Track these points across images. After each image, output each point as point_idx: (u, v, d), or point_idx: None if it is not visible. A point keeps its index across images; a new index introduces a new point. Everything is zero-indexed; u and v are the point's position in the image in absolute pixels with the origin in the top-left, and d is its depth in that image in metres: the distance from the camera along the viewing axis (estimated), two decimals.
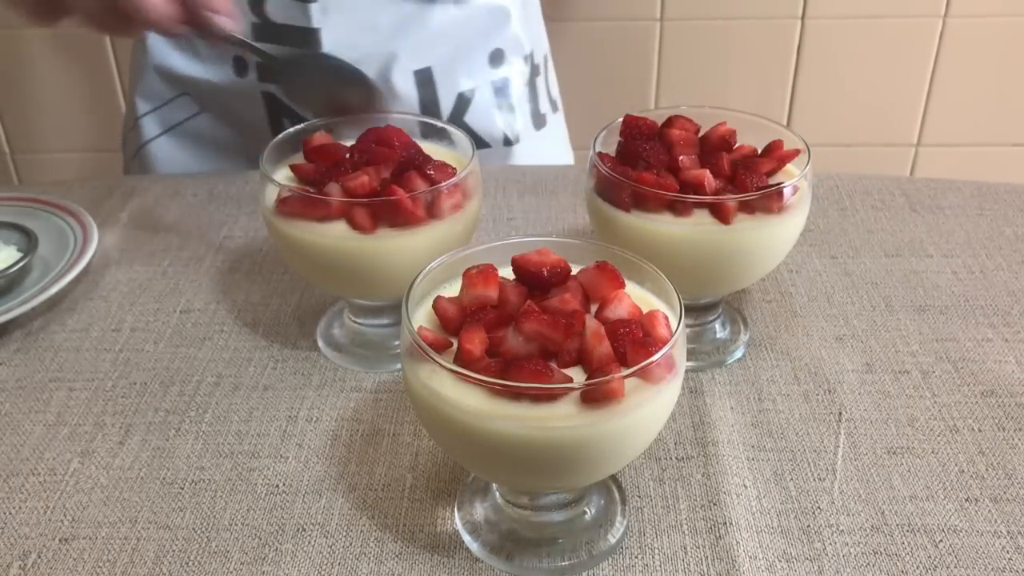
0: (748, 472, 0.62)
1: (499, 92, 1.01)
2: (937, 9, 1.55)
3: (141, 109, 1.05)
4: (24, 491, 0.62)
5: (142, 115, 1.05)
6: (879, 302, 0.78)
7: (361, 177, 0.65)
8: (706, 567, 0.56)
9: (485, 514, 0.59)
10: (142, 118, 1.05)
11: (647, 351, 0.48)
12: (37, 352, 0.74)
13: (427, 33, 0.95)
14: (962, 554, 0.57)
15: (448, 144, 0.74)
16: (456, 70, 0.98)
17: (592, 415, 0.48)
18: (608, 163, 0.67)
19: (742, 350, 0.73)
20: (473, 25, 0.98)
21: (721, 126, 0.70)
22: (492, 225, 0.88)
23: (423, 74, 0.96)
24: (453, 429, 0.50)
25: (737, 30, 1.57)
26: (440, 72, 0.97)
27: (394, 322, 0.74)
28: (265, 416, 0.67)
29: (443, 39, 0.97)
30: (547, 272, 0.53)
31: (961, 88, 1.62)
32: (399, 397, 0.69)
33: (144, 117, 1.05)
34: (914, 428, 0.66)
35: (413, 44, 0.95)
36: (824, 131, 1.65)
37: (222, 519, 0.59)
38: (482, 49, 0.99)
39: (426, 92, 0.97)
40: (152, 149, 1.06)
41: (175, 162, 1.05)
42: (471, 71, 0.99)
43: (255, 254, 0.85)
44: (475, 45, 0.99)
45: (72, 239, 0.81)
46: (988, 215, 0.89)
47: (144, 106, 1.05)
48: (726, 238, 0.64)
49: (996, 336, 0.74)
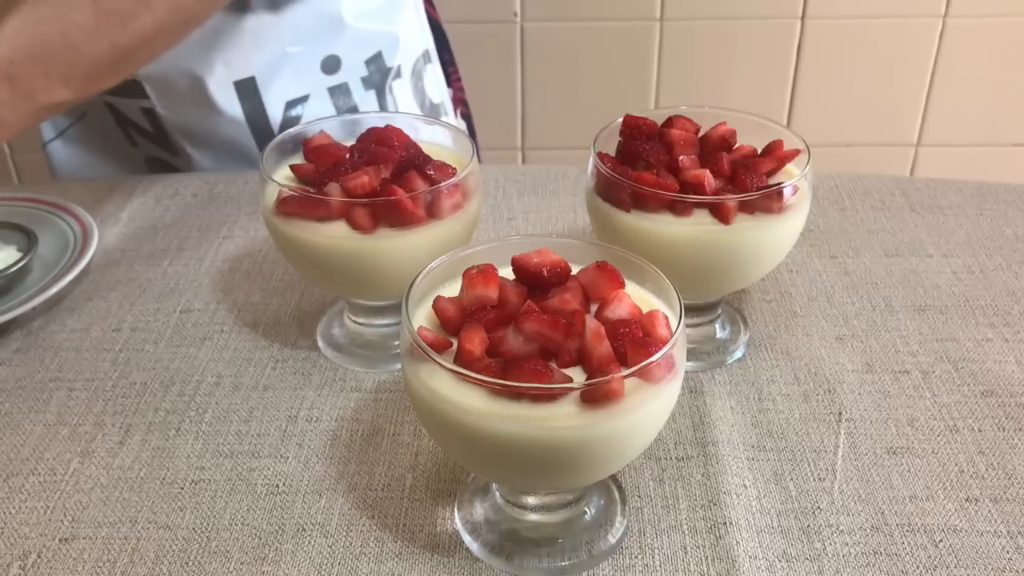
0: (748, 472, 0.62)
1: (337, 96, 0.99)
2: (937, 9, 1.55)
3: None
4: (24, 491, 0.62)
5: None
6: (879, 302, 0.78)
7: (361, 177, 0.65)
8: (706, 567, 0.56)
9: (485, 514, 0.59)
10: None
11: (647, 351, 0.48)
12: (37, 352, 0.74)
13: (243, 43, 0.94)
14: (962, 554, 0.57)
15: (448, 144, 0.74)
16: (282, 77, 0.97)
17: (592, 415, 0.48)
18: (608, 163, 0.67)
19: (742, 350, 0.73)
20: (297, 32, 0.96)
21: (721, 126, 0.70)
22: (492, 225, 0.88)
23: (245, 84, 0.95)
24: (453, 429, 0.50)
25: (737, 30, 1.57)
26: (264, 81, 0.96)
27: (394, 322, 0.74)
28: (265, 416, 0.67)
29: (262, 47, 0.95)
30: (547, 272, 0.53)
31: (961, 88, 1.62)
32: (399, 397, 0.69)
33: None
34: (914, 428, 0.66)
35: (227, 55, 0.94)
36: (824, 131, 1.65)
37: (222, 519, 0.59)
38: (312, 55, 0.97)
39: (251, 103, 0.96)
40: (50, 151, 1.07)
41: (69, 165, 1.06)
42: (301, 78, 0.98)
43: (255, 254, 0.85)
44: (300, 53, 0.97)
45: (72, 239, 0.81)
46: (988, 215, 0.89)
47: None
48: (726, 238, 0.64)
49: (996, 336, 0.74)
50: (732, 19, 1.56)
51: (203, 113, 0.96)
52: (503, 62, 1.61)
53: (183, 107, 0.96)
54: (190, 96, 0.95)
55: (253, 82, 0.96)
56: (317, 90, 0.99)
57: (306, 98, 0.99)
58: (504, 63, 1.61)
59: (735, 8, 1.55)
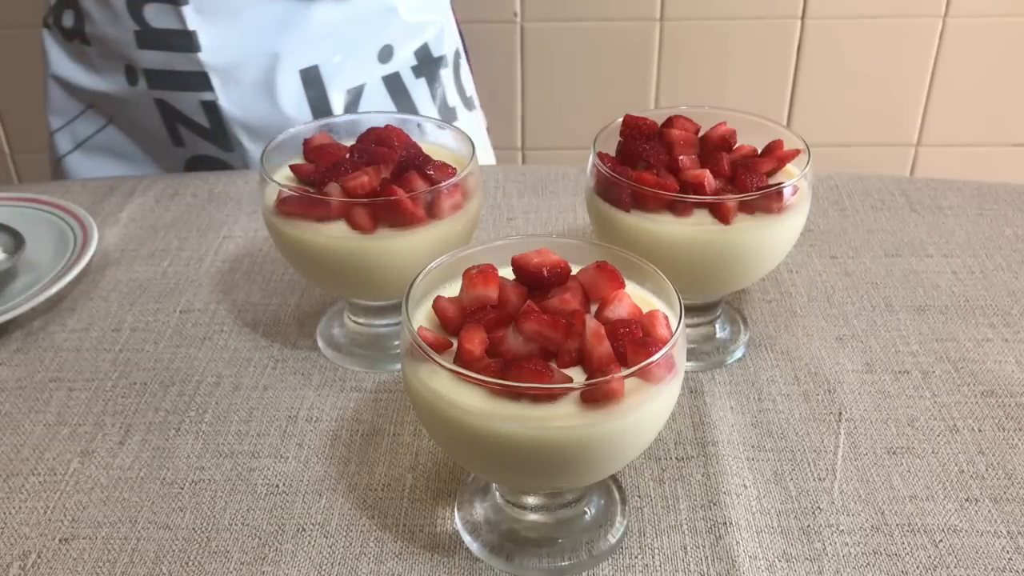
0: (748, 472, 0.62)
1: (391, 85, 1.01)
2: (937, 9, 1.55)
3: (53, 124, 1.06)
4: (24, 491, 0.62)
5: (54, 131, 1.06)
6: (879, 302, 0.78)
7: (361, 177, 0.65)
8: (706, 567, 0.56)
9: (485, 514, 0.59)
10: (55, 134, 1.06)
11: (647, 351, 0.48)
12: (37, 352, 0.74)
13: (310, 31, 0.95)
14: (962, 554, 0.57)
15: (448, 144, 0.74)
16: (344, 67, 0.98)
17: (592, 415, 0.48)
18: (608, 163, 0.67)
19: (742, 350, 0.73)
20: (358, 22, 0.97)
21: (721, 126, 0.70)
22: (492, 225, 0.88)
23: (310, 73, 0.96)
24: (453, 429, 0.50)
25: (737, 30, 1.57)
26: (327, 70, 0.97)
27: (394, 322, 0.74)
28: (265, 416, 0.67)
29: (328, 37, 0.96)
30: (547, 272, 0.53)
31: (961, 88, 1.62)
32: (399, 397, 0.69)
33: (56, 133, 1.06)
34: (914, 428, 0.66)
35: (296, 43, 0.95)
36: (824, 131, 1.65)
37: (222, 519, 0.59)
38: (370, 45, 0.99)
39: (315, 91, 0.97)
40: (67, 165, 1.07)
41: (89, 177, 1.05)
42: (360, 67, 0.99)
43: (255, 254, 0.85)
44: (362, 41, 0.98)
45: (72, 239, 0.81)
46: (988, 215, 0.89)
47: (56, 121, 1.06)
48: (726, 238, 0.64)
49: (996, 336, 0.74)
50: (732, 19, 1.56)
51: (267, 103, 0.96)
52: (503, 62, 1.61)
53: (247, 97, 0.96)
54: (256, 85, 0.96)
55: (317, 71, 0.97)
56: (373, 79, 1.00)
57: (363, 87, 1.00)
58: (504, 63, 1.61)
59: (735, 8, 1.55)
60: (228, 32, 0.94)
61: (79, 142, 1.05)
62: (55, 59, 1.02)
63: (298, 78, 0.96)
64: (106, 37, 0.96)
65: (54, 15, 1.01)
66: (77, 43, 1.00)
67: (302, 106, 0.98)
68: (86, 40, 0.98)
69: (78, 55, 1.00)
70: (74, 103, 1.04)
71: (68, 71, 1.01)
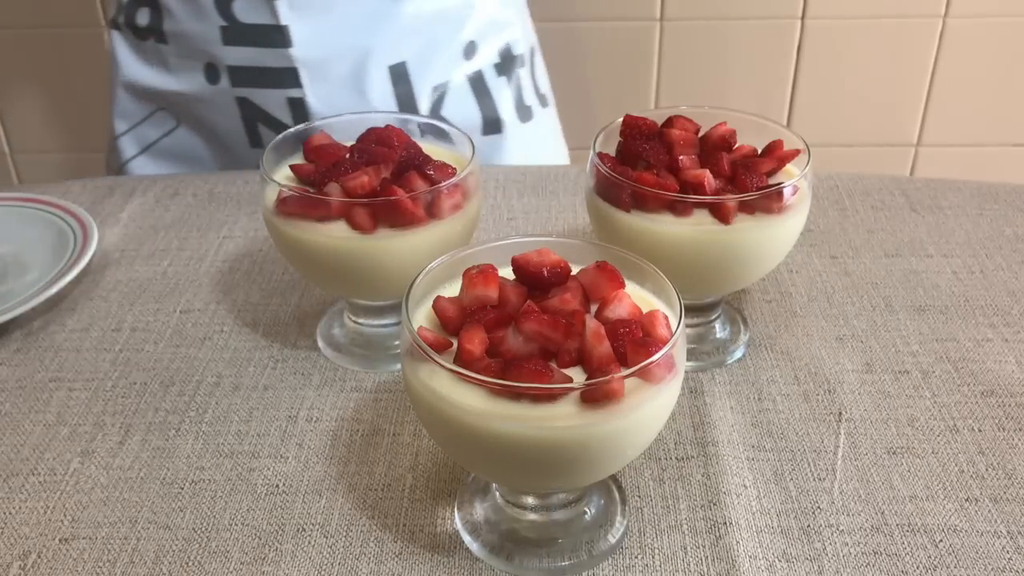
0: (748, 472, 0.62)
1: (475, 83, 1.01)
2: (937, 9, 1.55)
3: (118, 129, 1.04)
4: (24, 491, 0.62)
5: (119, 135, 1.04)
6: (879, 302, 0.78)
7: (361, 177, 0.65)
8: (706, 567, 0.56)
9: (485, 514, 0.59)
10: (119, 138, 1.04)
11: (647, 351, 0.48)
12: (37, 352, 0.74)
13: (400, 27, 0.95)
14: (962, 554, 0.57)
15: (448, 144, 0.74)
16: (430, 63, 0.98)
17: (592, 415, 0.48)
18: (608, 163, 0.67)
19: (742, 350, 0.73)
20: (445, 18, 0.97)
21: (721, 126, 0.70)
22: (492, 225, 0.88)
23: (398, 69, 0.96)
24: (453, 429, 0.50)
25: (737, 30, 1.57)
26: (415, 66, 0.97)
27: (394, 322, 0.74)
28: (265, 416, 0.67)
29: (416, 33, 0.96)
30: (547, 272, 0.53)
31: (961, 88, 1.62)
32: (399, 397, 0.69)
33: (121, 137, 1.04)
34: (914, 428, 0.66)
35: (386, 39, 0.95)
36: (824, 131, 1.65)
37: (222, 519, 0.59)
38: (455, 42, 0.99)
39: (402, 88, 0.97)
40: (131, 169, 1.06)
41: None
42: (445, 64, 0.99)
43: (255, 254, 0.85)
44: (448, 38, 0.98)
45: (72, 239, 0.81)
46: (988, 215, 0.89)
47: (121, 125, 1.04)
48: (726, 238, 0.64)
49: (996, 336, 0.74)
50: (732, 19, 1.56)
51: (356, 99, 0.96)
52: None
53: (336, 94, 0.96)
54: (345, 81, 0.95)
55: (404, 67, 0.96)
56: (457, 76, 1.00)
57: (447, 84, 1.00)
58: None
59: (735, 8, 1.55)
60: (319, 27, 0.93)
61: (145, 146, 1.04)
62: (124, 61, 1.00)
63: (387, 74, 0.96)
64: (187, 34, 0.95)
65: (126, 14, 0.99)
66: (152, 42, 0.98)
67: (389, 102, 0.97)
68: (163, 38, 0.97)
69: (152, 55, 0.99)
70: (142, 106, 1.03)
71: (138, 72, 1.00)
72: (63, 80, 1.62)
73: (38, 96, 1.64)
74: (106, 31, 1.53)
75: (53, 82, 1.62)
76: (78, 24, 1.56)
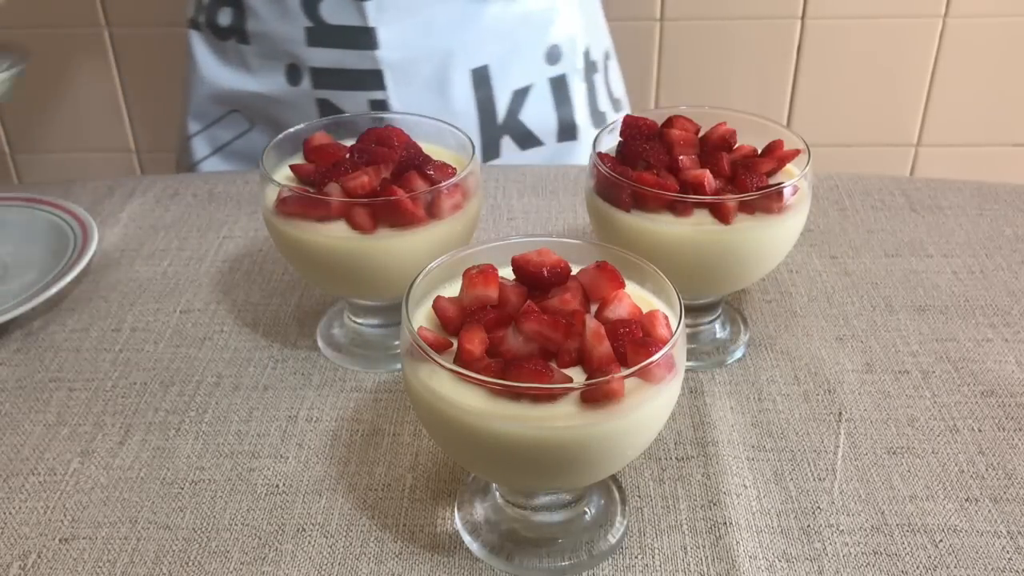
0: (748, 472, 0.62)
1: (556, 88, 1.00)
2: (937, 9, 1.55)
3: (191, 129, 1.04)
4: (24, 491, 0.62)
5: (192, 135, 1.04)
6: (879, 302, 0.78)
7: (361, 177, 0.65)
8: (706, 567, 0.56)
9: (485, 514, 0.59)
10: (193, 138, 1.04)
11: (647, 351, 0.48)
12: (37, 352, 0.74)
13: (483, 31, 0.95)
14: (962, 554, 0.57)
15: (448, 144, 0.74)
16: (512, 67, 0.98)
17: (592, 415, 0.48)
18: (608, 163, 0.67)
19: (742, 350, 0.73)
20: (529, 22, 0.97)
21: (721, 126, 0.70)
22: (492, 225, 0.88)
23: (480, 72, 0.96)
24: (453, 429, 0.50)
25: (737, 30, 1.57)
26: (496, 70, 0.97)
27: (394, 322, 0.74)
28: (265, 416, 0.67)
29: (498, 36, 0.96)
30: (547, 272, 0.53)
31: (961, 88, 1.62)
32: (399, 397, 0.69)
33: (194, 137, 1.04)
34: (914, 428, 0.66)
35: (469, 42, 0.95)
36: (824, 131, 1.65)
37: (222, 519, 0.59)
38: (538, 46, 0.98)
39: (483, 91, 0.97)
40: (203, 169, 1.05)
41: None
42: (527, 68, 0.99)
43: (255, 254, 0.85)
44: (530, 42, 0.98)
45: (72, 239, 0.81)
46: (988, 215, 0.89)
47: (194, 126, 1.04)
48: (726, 238, 0.64)
49: (996, 336, 0.74)
50: (732, 19, 1.56)
51: (438, 102, 0.96)
52: None
53: (418, 96, 0.96)
54: (427, 84, 0.95)
55: (486, 70, 0.96)
56: (540, 80, 1.00)
57: (529, 88, 0.99)
58: None
59: (735, 8, 1.55)
60: (406, 30, 0.93)
61: (217, 147, 1.04)
62: (203, 61, 1.00)
63: (469, 77, 0.96)
64: (271, 34, 0.95)
65: (207, 14, 0.99)
66: (232, 42, 0.98)
67: (470, 106, 0.97)
68: (245, 38, 0.96)
69: (232, 55, 0.98)
70: (217, 107, 1.02)
71: (217, 73, 1.00)
72: (63, 80, 1.62)
73: (38, 96, 1.64)
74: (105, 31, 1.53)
75: (53, 82, 1.62)
76: (78, 24, 1.56)
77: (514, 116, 0.98)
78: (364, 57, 0.93)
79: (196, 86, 1.02)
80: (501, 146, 1.00)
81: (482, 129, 0.98)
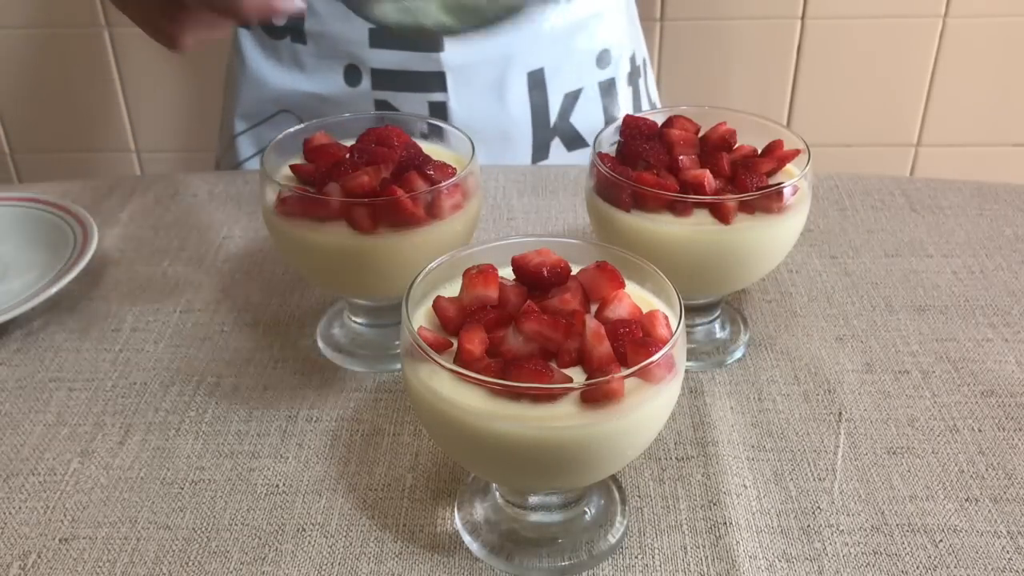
0: (748, 472, 0.62)
1: (605, 92, 1.01)
2: (937, 9, 1.55)
3: (238, 128, 1.03)
4: (24, 491, 0.62)
5: (238, 134, 1.03)
6: (879, 302, 0.78)
7: (361, 177, 0.65)
8: (706, 567, 0.56)
9: (485, 514, 0.59)
10: (238, 137, 1.03)
11: (647, 351, 0.48)
12: (37, 352, 0.74)
13: (540, 34, 0.95)
14: (962, 554, 0.57)
15: (448, 144, 0.74)
16: (564, 71, 0.98)
17: (592, 415, 0.48)
18: (608, 163, 0.67)
19: (742, 350, 0.73)
20: (582, 26, 0.97)
21: (721, 126, 0.70)
22: (492, 225, 0.88)
23: (535, 75, 0.96)
24: (453, 429, 0.50)
25: (737, 30, 1.57)
26: (551, 73, 0.97)
27: (394, 322, 0.74)
28: (265, 416, 0.67)
29: (554, 40, 0.96)
30: (547, 272, 0.53)
31: (961, 88, 1.62)
32: (399, 397, 0.69)
33: (240, 136, 1.03)
34: (914, 428, 0.66)
35: (527, 45, 0.95)
36: (824, 131, 1.65)
37: (222, 519, 0.59)
38: (590, 50, 0.99)
39: (537, 94, 0.97)
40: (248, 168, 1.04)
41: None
42: (579, 71, 0.99)
43: (255, 254, 0.85)
44: (583, 46, 0.99)
45: (72, 239, 0.81)
46: (988, 215, 0.89)
47: (241, 125, 1.03)
48: (726, 238, 0.64)
49: (996, 336, 0.74)
50: (732, 19, 1.56)
51: (495, 105, 0.96)
52: None
53: (475, 98, 0.96)
54: (487, 86, 0.95)
55: (542, 73, 0.96)
56: (590, 84, 1.00)
57: (580, 91, 1.00)
58: None
59: (735, 8, 1.55)
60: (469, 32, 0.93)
61: (262, 147, 1.03)
62: (254, 60, 0.99)
63: (525, 80, 0.96)
64: (330, 35, 0.94)
65: None
66: (287, 41, 0.97)
67: (525, 108, 0.97)
68: (301, 38, 0.95)
69: (285, 55, 0.97)
70: (265, 106, 1.01)
71: (268, 72, 0.99)
72: (63, 80, 1.62)
73: (38, 96, 1.64)
74: (105, 31, 1.53)
75: (53, 82, 1.62)
76: (78, 24, 1.56)
77: (565, 118, 0.99)
78: (428, 59, 0.93)
79: (244, 85, 1.01)
80: (551, 147, 1.01)
81: (535, 130, 0.99)
